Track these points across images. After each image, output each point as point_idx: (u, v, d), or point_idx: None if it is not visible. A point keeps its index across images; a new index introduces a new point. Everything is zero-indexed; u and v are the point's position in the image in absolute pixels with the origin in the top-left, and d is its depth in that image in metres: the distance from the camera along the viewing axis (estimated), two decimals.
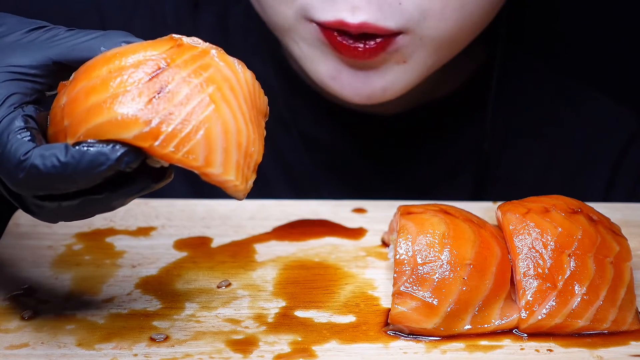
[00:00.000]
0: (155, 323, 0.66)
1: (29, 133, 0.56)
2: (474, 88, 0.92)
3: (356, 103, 0.78)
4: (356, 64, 0.75)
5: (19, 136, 0.55)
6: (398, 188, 0.90)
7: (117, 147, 0.54)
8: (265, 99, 0.60)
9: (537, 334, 0.65)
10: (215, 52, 0.57)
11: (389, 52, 0.74)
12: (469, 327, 0.65)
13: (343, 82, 0.76)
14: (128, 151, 0.54)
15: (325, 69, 0.77)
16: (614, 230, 0.69)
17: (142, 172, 0.57)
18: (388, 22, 0.72)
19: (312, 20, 0.74)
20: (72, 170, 0.54)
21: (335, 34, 0.73)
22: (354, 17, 0.71)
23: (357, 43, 0.73)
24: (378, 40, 0.73)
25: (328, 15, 0.72)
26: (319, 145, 0.91)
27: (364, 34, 0.72)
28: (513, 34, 0.88)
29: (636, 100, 0.99)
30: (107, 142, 0.54)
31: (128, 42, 0.59)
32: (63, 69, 0.59)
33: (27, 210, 0.58)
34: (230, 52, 0.58)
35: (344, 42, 0.73)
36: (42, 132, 0.58)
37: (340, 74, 0.76)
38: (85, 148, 0.54)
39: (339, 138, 0.91)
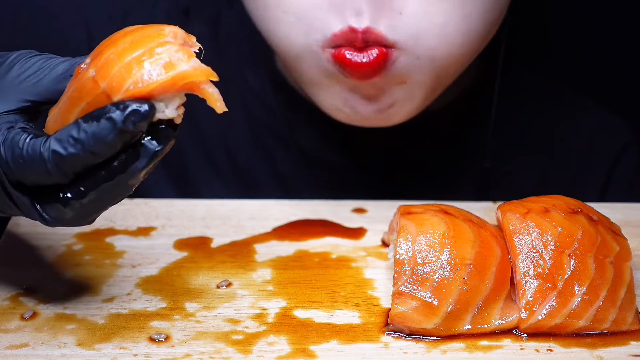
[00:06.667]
0: (155, 323, 0.66)
1: (32, 135, 0.58)
2: (470, 99, 0.92)
3: (371, 126, 0.78)
4: (364, 90, 0.75)
5: (28, 140, 0.58)
6: (396, 199, 0.90)
7: (126, 106, 0.55)
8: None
9: (537, 334, 0.65)
10: None
11: (388, 70, 0.73)
12: (469, 327, 0.65)
13: (351, 110, 0.77)
14: (134, 111, 0.55)
15: (336, 97, 0.77)
16: (614, 230, 0.69)
17: (146, 143, 0.58)
18: (385, 30, 0.72)
19: (324, 45, 0.73)
20: (88, 144, 0.56)
21: (345, 53, 0.73)
22: (359, 22, 0.72)
23: (362, 56, 0.73)
24: (377, 50, 0.73)
25: (338, 25, 0.72)
26: (315, 158, 0.91)
27: (367, 43, 0.72)
28: (508, 46, 0.88)
29: (628, 110, 0.99)
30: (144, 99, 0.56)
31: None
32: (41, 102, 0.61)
33: (49, 220, 0.60)
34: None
35: (352, 58, 0.73)
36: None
37: (347, 102, 0.77)
38: (93, 120, 0.56)
39: (335, 151, 0.91)
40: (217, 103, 0.57)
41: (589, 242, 0.67)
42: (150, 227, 0.78)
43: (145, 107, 0.56)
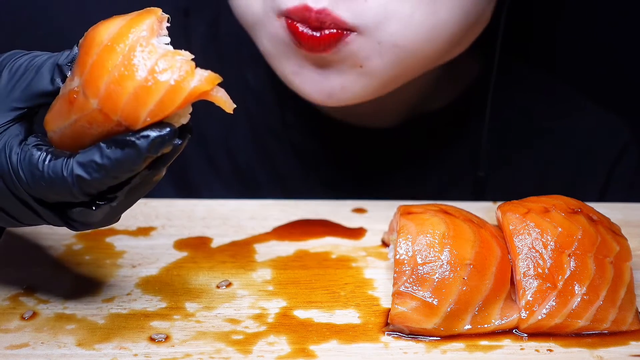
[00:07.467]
0: (155, 323, 0.66)
1: (50, 155, 0.58)
2: (469, 100, 0.92)
3: (318, 102, 0.79)
4: (316, 62, 0.76)
5: (47, 162, 0.58)
6: (396, 199, 0.90)
7: (148, 134, 0.56)
8: None
9: (537, 334, 0.65)
10: None
11: (343, 51, 0.74)
12: (469, 327, 0.65)
13: (304, 78, 0.77)
14: (158, 137, 0.56)
15: (289, 65, 0.77)
16: (614, 230, 0.69)
17: None
18: (346, 14, 0.72)
19: (279, 14, 0.74)
20: (112, 170, 0.57)
21: (298, 25, 0.74)
22: (316, 2, 0.72)
23: (315, 32, 0.73)
24: (333, 30, 0.73)
25: (295, 1, 0.73)
26: (315, 158, 0.91)
27: (322, 24, 0.73)
28: (507, 44, 0.88)
29: (628, 110, 0.99)
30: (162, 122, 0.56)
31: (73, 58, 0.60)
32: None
33: (79, 227, 0.60)
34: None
35: (304, 30, 0.73)
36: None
37: (302, 70, 0.77)
38: (116, 147, 0.56)
39: (335, 151, 0.91)
40: (227, 104, 0.57)
41: (589, 242, 0.67)
42: (150, 227, 0.78)
43: (167, 130, 0.56)
